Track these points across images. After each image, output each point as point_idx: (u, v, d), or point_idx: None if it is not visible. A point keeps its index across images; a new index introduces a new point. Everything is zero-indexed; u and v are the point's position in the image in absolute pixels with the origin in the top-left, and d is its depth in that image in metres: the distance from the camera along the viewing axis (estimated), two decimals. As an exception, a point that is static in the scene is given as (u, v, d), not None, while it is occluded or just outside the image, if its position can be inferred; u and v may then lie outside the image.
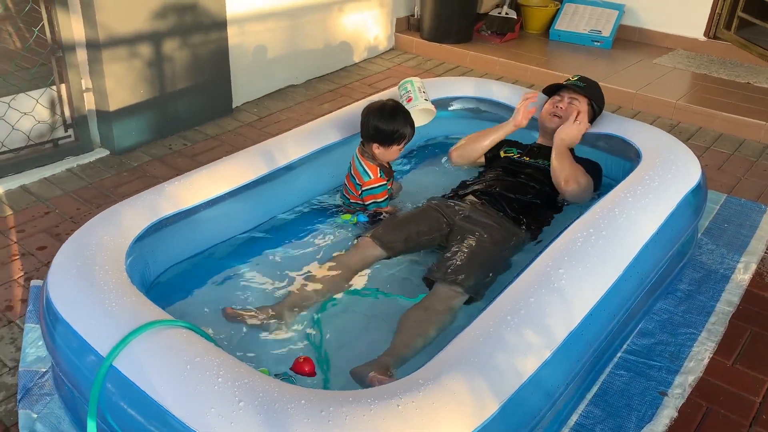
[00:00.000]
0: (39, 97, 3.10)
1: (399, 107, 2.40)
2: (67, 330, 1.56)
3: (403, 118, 2.38)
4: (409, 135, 2.41)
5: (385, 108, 2.38)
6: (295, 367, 1.82)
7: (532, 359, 1.51)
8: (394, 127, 2.36)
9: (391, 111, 2.38)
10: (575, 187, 2.44)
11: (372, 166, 2.40)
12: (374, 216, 2.44)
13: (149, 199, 2.01)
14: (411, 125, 2.40)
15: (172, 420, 1.32)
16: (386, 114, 2.36)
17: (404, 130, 2.38)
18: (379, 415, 1.30)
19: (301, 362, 1.82)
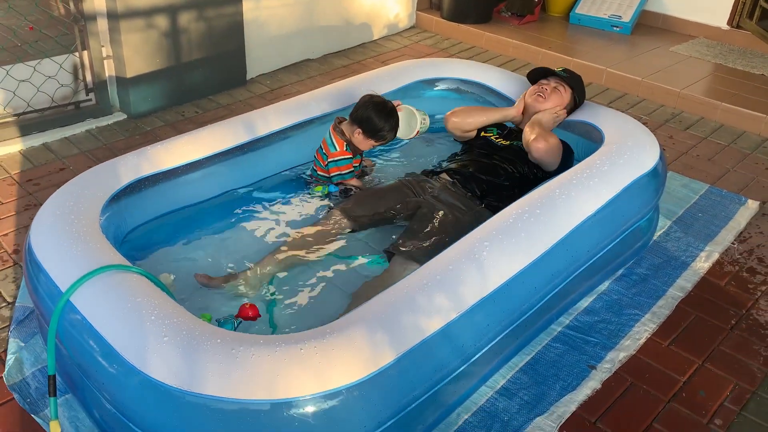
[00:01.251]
0: (63, 62, 3.37)
1: (395, 112, 2.62)
2: (39, 269, 1.80)
3: (394, 124, 2.61)
4: (388, 140, 2.64)
5: (386, 106, 2.59)
6: (240, 313, 2.02)
7: (437, 319, 1.67)
8: (383, 125, 2.56)
9: (389, 112, 2.59)
10: (543, 144, 2.48)
11: (340, 141, 2.57)
12: (346, 190, 2.61)
13: (131, 160, 2.23)
14: (394, 133, 2.64)
15: (109, 349, 1.55)
16: (384, 112, 2.57)
17: (388, 134, 2.60)
18: (282, 356, 1.49)
19: (246, 308, 2.02)
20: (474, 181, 2.54)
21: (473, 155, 2.69)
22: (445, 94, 3.15)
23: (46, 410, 1.88)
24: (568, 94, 2.75)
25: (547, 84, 2.77)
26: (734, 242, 2.75)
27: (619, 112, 2.75)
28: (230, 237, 2.39)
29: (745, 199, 3.03)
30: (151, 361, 1.49)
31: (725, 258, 2.66)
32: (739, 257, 2.67)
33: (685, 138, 3.61)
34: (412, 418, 1.67)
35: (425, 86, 3.12)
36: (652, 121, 3.77)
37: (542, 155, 2.52)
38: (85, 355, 1.61)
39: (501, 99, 3.00)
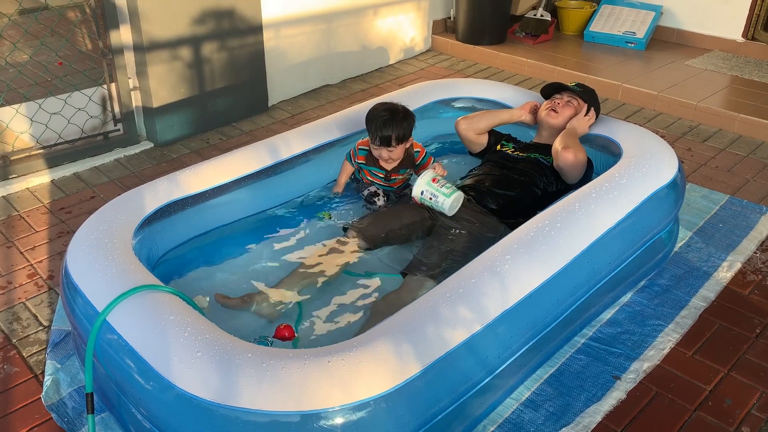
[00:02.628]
0: (92, 94, 3.49)
1: (395, 118, 2.53)
2: (76, 291, 1.87)
3: (373, 125, 2.53)
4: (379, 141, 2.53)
5: (376, 108, 2.58)
6: (277, 334, 2.08)
7: (461, 331, 1.71)
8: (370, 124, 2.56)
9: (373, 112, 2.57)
10: (572, 157, 2.52)
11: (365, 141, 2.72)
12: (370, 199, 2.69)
13: (161, 185, 2.31)
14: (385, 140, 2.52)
15: (145, 365, 1.61)
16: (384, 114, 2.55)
17: (372, 135, 2.55)
18: (310, 369, 1.54)
19: (281, 329, 2.08)
20: (490, 197, 2.57)
21: (489, 170, 2.72)
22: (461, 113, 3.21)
23: (83, 429, 1.94)
24: (582, 107, 2.79)
25: (560, 98, 2.82)
26: (756, 251, 2.75)
27: (636, 125, 2.78)
28: (257, 258, 2.45)
29: (766, 209, 3.03)
30: (186, 376, 1.54)
31: (748, 267, 2.66)
32: (762, 266, 2.67)
33: (703, 150, 3.63)
34: (439, 429, 1.70)
35: (442, 106, 3.18)
36: (669, 135, 3.79)
37: (568, 167, 2.56)
38: (122, 372, 1.67)
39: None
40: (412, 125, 2.60)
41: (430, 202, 2.46)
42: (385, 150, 2.57)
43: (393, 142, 2.54)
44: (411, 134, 2.62)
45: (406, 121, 2.56)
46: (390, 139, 2.53)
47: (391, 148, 2.56)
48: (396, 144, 2.55)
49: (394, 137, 2.53)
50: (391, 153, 2.58)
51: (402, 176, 2.76)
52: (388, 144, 2.54)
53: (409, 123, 2.58)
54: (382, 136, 2.53)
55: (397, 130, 2.53)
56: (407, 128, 2.57)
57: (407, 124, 2.57)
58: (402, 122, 2.54)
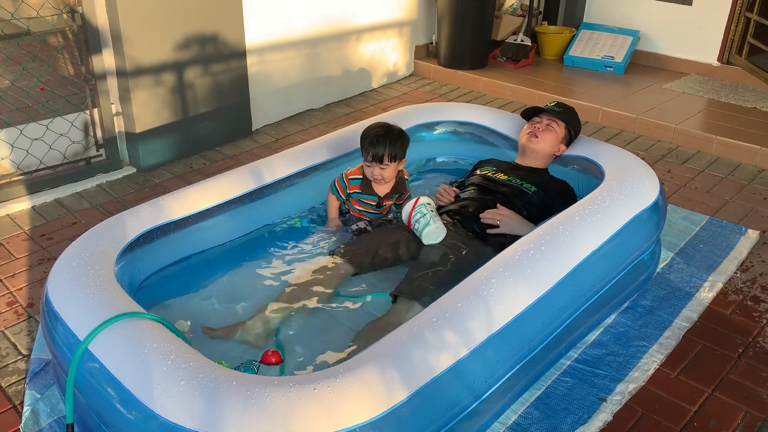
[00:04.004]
0: (74, 120, 3.48)
1: (388, 135, 2.54)
2: (57, 319, 1.84)
3: (374, 142, 2.53)
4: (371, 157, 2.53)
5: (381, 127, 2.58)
6: (263, 359, 2.05)
7: (447, 356, 1.70)
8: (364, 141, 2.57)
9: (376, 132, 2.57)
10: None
11: (356, 171, 2.70)
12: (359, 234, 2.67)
13: (143, 211, 2.30)
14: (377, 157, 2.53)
15: (127, 395, 1.58)
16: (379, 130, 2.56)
17: (364, 152, 2.57)
18: (296, 396, 1.52)
19: (268, 354, 2.05)
20: (475, 221, 2.59)
21: (473, 194, 2.74)
22: (444, 136, 3.24)
23: (63, 461, 1.90)
24: (562, 128, 2.83)
25: (540, 122, 2.85)
26: (737, 272, 2.79)
27: (618, 147, 2.82)
28: (240, 283, 2.44)
29: (746, 229, 3.07)
30: (169, 405, 1.52)
31: (729, 287, 2.69)
32: (743, 286, 2.70)
33: (683, 171, 3.68)
34: (426, 455, 1.69)
35: (424, 129, 3.21)
36: (649, 157, 3.85)
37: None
38: (104, 402, 1.64)
39: (499, 138, 3.09)
40: (406, 146, 2.60)
41: (417, 223, 2.47)
42: (378, 167, 2.55)
43: (386, 159, 2.53)
44: (404, 155, 2.61)
45: (400, 140, 2.57)
46: (383, 156, 2.53)
47: (383, 166, 2.55)
48: (389, 161, 2.55)
49: (387, 154, 2.53)
50: (384, 171, 2.57)
51: (392, 202, 2.77)
52: (381, 161, 2.53)
53: (403, 142, 2.58)
54: (375, 152, 2.53)
55: (390, 148, 2.53)
56: (401, 147, 2.57)
57: (401, 143, 2.57)
58: (396, 140, 2.55)
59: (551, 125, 2.83)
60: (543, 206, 2.66)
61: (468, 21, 4.87)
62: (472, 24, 4.89)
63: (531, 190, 2.68)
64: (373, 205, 2.71)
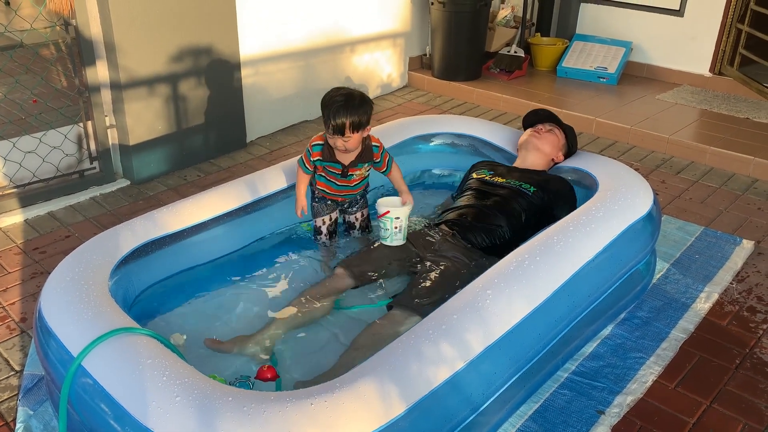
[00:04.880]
0: (68, 133, 3.46)
1: (349, 104, 2.34)
2: (50, 335, 1.82)
3: (335, 113, 2.33)
4: (332, 129, 2.36)
5: (342, 95, 2.38)
6: (259, 375, 2.04)
7: (444, 369, 1.69)
8: (324, 111, 2.38)
9: (335, 101, 2.36)
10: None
11: (318, 137, 2.54)
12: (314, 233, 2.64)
13: (137, 225, 2.28)
14: (338, 129, 2.34)
15: (122, 411, 1.56)
16: (339, 99, 2.36)
17: (327, 120, 2.36)
18: (292, 412, 1.51)
19: (264, 370, 2.04)
20: (472, 231, 2.57)
21: (470, 201, 2.71)
22: (440, 148, 3.24)
23: (56, 478, 1.87)
24: (562, 137, 2.87)
25: (542, 127, 2.88)
26: (732, 282, 2.79)
27: (611, 159, 2.83)
28: (237, 296, 2.42)
29: (740, 240, 3.08)
30: (164, 422, 1.50)
31: (725, 298, 2.69)
32: (739, 297, 2.70)
33: (677, 182, 3.69)
34: (424, 470, 1.67)
35: (421, 141, 3.21)
36: (643, 167, 3.86)
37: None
38: (98, 418, 1.62)
39: (495, 150, 3.09)
40: (370, 112, 2.39)
41: (389, 228, 2.45)
42: (340, 139, 2.37)
43: (347, 130, 2.34)
44: (368, 122, 2.41)
45: (363, 108, 2.36)
46: (344, 126, 2.33)
47: (345, 138, 2.37)
48: (351, 132, 2.35)
49: (349, 124, 2.33)
50: (347, 143, 2.38)
51: (360, 171, 2.56)
52: (342, 132, 2.35)
53: (366, 110, 2.37)
54: (335, 123, 2.33)
55: (352, 117, 2.32)
56: (363, 115, 2.36)
57: (363, 110, 2.36)
58: (358, 108, 2.34)
59: (553, 131, 2.87)
60: (543, 207, 2.65)
61: (461, 32, 4.89)
62: (466, 35, 4.91)
63: (530, 191, 2.66)
64: (337, 174, 2.53)
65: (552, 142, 2.83)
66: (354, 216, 2.72)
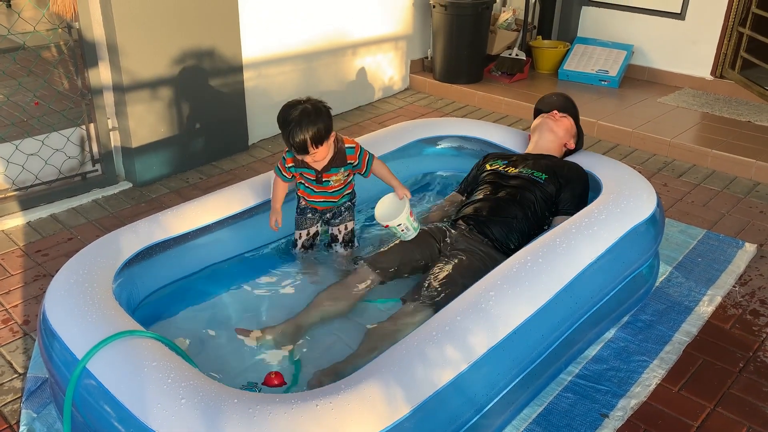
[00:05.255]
0: (70, 135, 3.47)
1: (303, 121, 2.21)
2: (54, 337, 1.82)
3: (292, 134, 2.22)
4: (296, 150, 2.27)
5: (295, 111, 2.24)
6: (266, 381, 2.03)
7: (448, 371, 1.69)
8: (282, 132, 2.28)
9: (290, 120, 2.23)
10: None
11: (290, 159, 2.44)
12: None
13: (141, 227, 2.28)
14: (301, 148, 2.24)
15: (126, 413, 1.56)
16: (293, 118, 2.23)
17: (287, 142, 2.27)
18: (298, 414, 1.51)
19: (271, 377, 2.03)
20: (488, 225, 2.54)
21: (485, 194, 2.68)
22: (444, 151, 3.24)
23: (59, 481, 1.87)
24: (573, 125, 2.93)
25: (554, 113, 2.93)
26: (735, 285, 2.79)
27: (615, 161, 2.83)
28: (243, 299, 2.42)
29: (743, 243, 3.08)
30: (169, 424, 1.50)
31: (728, 301, 2.69)
32: (742, 300, 2.70)
33: (679, 185, 3.70)
34: (428, 473, 1.67)
35: (425, 144, 3.21)
36: (645, 170, 3.86)
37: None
38: (102, 421, 1.62)
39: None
40: (328, 120, 2.25)
41: (397, 231, 2.41)
42: (307, 156, 2.29)
43: (310, 147, 2.23)
44: (330, 130, 2.27)
45: (320, 119, 2.22)
46: (305, 143, 2.22)
47: (311, 154, 2.27)
48: (315, 147, 2.24)
49: (310, 140, 2.21)
50: (314, 156, 2.29)
51: (336, 177, 2.44)
52: (306, 150, 2.24)
53: (323, 119, 2.23)
54: (296, 143, 2.22)
55: (311, 131, 2.20)
56: (322, 126, 2.22)
57: (321, 121, 2.22)
58: (315, 121, 2.21)
59: (567, 117, 2.93)
60: (556, 193, 2.63)
61: (463, 36, 4.90)
62: (467, 39, 4.92)
63: (542, 179, 2.64)
64: (312, 180, 2.44)
65: (566, 126, 2.89)
66: (337, 228, 2.59)
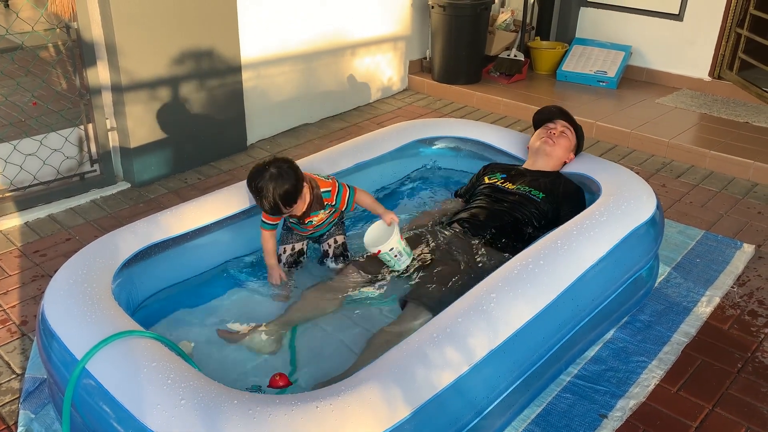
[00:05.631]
0: (68, 135, 3.46)
1: (270, 186, 2.20)
2: (53, 338, 1.82)
3: (263, 201, 2.23)
4: (271, 213, 2.28)
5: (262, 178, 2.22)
6: (271, 383, 2.02)
7: (449, 372, 1.69)
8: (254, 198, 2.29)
9: (258, 187, 2.22)
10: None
11: None
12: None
13: (140, 227, 2.28)
14: (275, 211, 2.25)
15: (126, 414, 1.56)
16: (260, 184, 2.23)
17: (261, 206, 2.28)
18: (298, 415, 1.50)
19: (276, 378, 2.02)
20: (485, 230, 2.57)
21: (482, 203, 2.72)
22: (442, 152, 3.24)
23: (58, 482, 1.87)
24: (574, 137, 2.86)
25: (554, 128, 2.84)
26: (734, 286, 2.79)
27: (614, 163, 2.83)
28: (243, 300, 2.42)
29: (741, 243, 3.08)
30: (169, 425, 1.50)
31: (726, 302, 2.69)
32: (740, 300, 2.70)
33: (677, 186, 3.70)
34: (428, 474, 1.67)
35: (422, 145, 3.21)
36: (644, 171, 3.87)
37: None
38: (102, 422, 1.62)
39: (497, 153, 3.10)
40: (294, 181, 2.22)
41: (390, 259, 2.38)
42: (279, 216, 2.33)
43: (283, 209, 2.25)
44: (301, 188, 2.26)
45: (287, 182, 2.20)
46: (279, 207, 2.23)
47: (286, 211, 2.28)
48: (288, 208, 2.26)
49: (282, 204, 2.23)
50: (290, 212, 2.30)
51: (319, 216, 2.45)
52: (280, 212, 2.26)
53: (290, 180, 2.21)
54: (270, 207, 2.23)
55: (281, 192, 2.20)
56: (290, 188, 2.21)
57: (288, 183, 2.20)
58: (283, 185, 2.19)
59: (565, 132, 2.83)
60: (552, 211, 2.65)
61: (462, 36, 4.90)
62: (466, 39, 4.92)
63: (539, 197, 2.66)
64: (296, 224, 2.50)
65: (564, 146, 2.81)
66: (327, 243, 2.57)
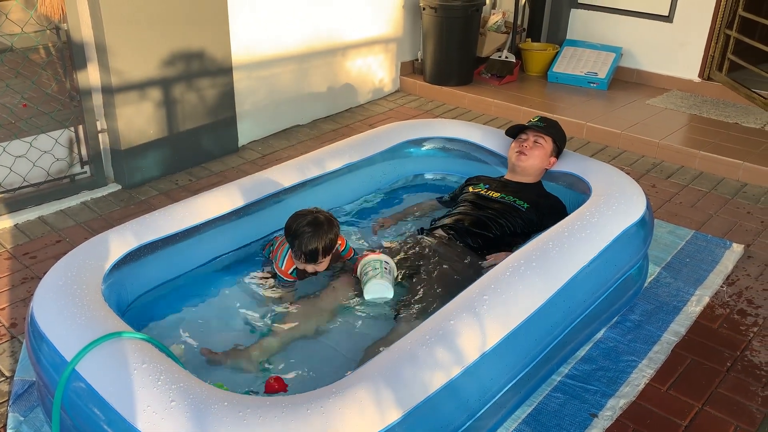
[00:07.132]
0: (58, 137, 3.44)
1: (318, 232, 2.30)
2: (43, 340, 1.81)
3: (307, 243, 2.30)
4: (305, 258, 2.33)
5: (297, 218, 2.33)
6: (267, 388, 2.00)
7: (440, 375, 1.69)
8: (293, 241, 2.34)
9: (304, 231, 2.30)
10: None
11: (290, 262, 2.45)
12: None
13: (130, 229, 2.27)
14: (311, 256, 2.32)
15: (115, 416, 1.55)
16: (308, 229, 2.30)
17: (297, 251, 2.33)
18: (288, 418, 1.50)
19: (272, 382, 2.01)
20: (469, 236, 2.59)
21: (466, 209, 2.74)
22: (432, 152, 3.25)
23: (48, 485, 1.86)
24: (549, 143, 2.84)
25: (526, 139, 2.85)
26: (723, 285, 2.81)
27: (604, 163, 2.84)
28: (234, 301, 2.41)
29: (730, 243, 3.10)
30: (159, 427, 1.49)
31: (715, 301, 2.71)
32: (729, 300, 2.72)
33: (667, 186, 3.72)
34: (419, 475, 1.67)
35: (412, 146, 3.21)
36: (634, 172, 3.89)
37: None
38: (91, 424, 1.61)
39: (487, 154, 3.10)
40: (338, 231, 2.38)
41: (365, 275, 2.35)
42: (312, 265, 2.38)
43: (320, 256, 2.34)
44: (336, 242, 2.39)
45: (332, 230, 2.34)
46: (317, 253, 2.32)
47: (318, 263, 2.38)
48: (323, 257, 2.36)
49: (321, 250, 2.32)
50: (317, 266, 2.39)
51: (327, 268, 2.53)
52: (315, 260, 2.35)
53: (335, 230, 2.36)
54: (307, 252, 2.31)
55: (324, 242, 2.31)
56: (334, 238, 2.35)
57: (333, 232, 2.35)
58: (328, 232, 2.32)
59: (538, 141, 2.83)
60: (536, 221, 2.68)
61: (453, 38, 4.91)
62: (457, 41, 4.93)
63: (524, 207, 2.69)
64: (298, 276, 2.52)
65: (537, 155, 2.80)
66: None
